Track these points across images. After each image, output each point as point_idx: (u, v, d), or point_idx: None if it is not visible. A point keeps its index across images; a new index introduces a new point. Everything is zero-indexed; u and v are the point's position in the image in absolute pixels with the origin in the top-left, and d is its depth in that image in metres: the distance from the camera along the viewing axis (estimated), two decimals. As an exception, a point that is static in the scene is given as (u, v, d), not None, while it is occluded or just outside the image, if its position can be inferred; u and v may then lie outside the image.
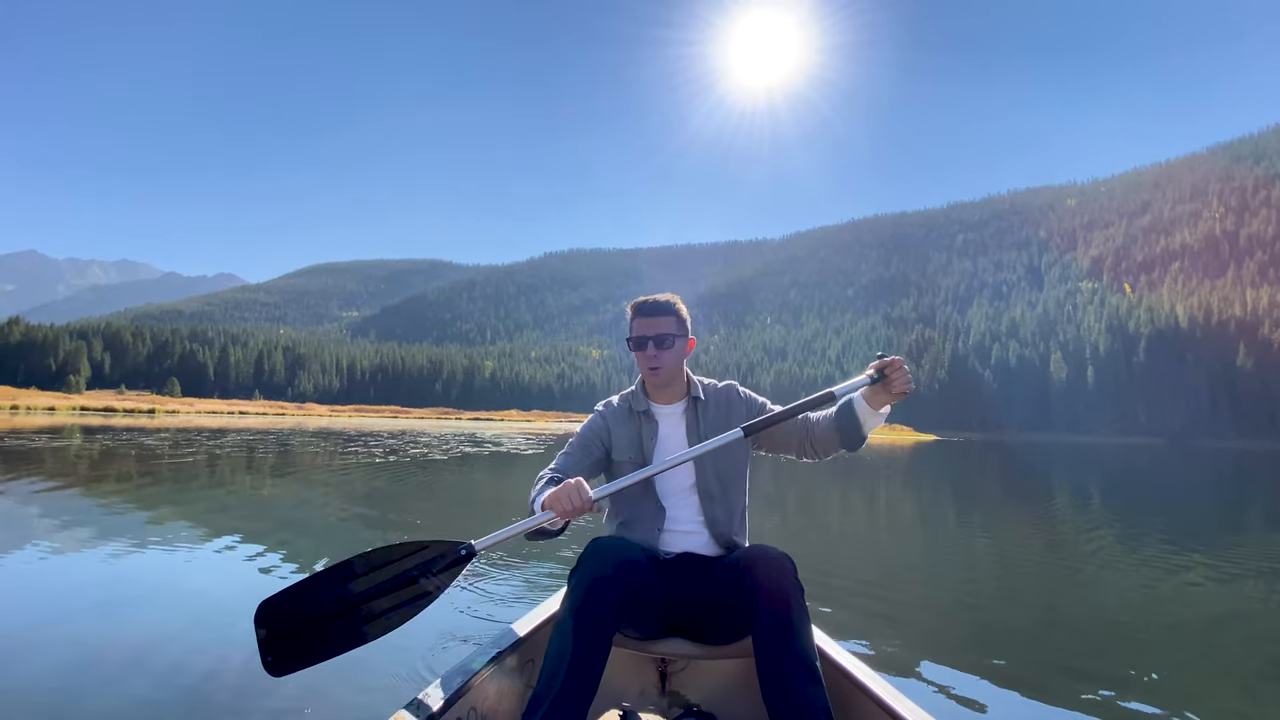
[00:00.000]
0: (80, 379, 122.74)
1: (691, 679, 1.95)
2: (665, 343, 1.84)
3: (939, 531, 7.57)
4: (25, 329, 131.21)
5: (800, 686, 1.41)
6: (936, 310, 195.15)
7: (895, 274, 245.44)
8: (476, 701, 1.48)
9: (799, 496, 10.32)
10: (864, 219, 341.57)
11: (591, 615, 1.45)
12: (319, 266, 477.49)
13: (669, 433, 1.88)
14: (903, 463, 21.35)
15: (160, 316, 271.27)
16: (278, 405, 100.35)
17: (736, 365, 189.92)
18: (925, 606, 4.07)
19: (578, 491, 1.54)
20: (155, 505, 7.35)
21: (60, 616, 3.24)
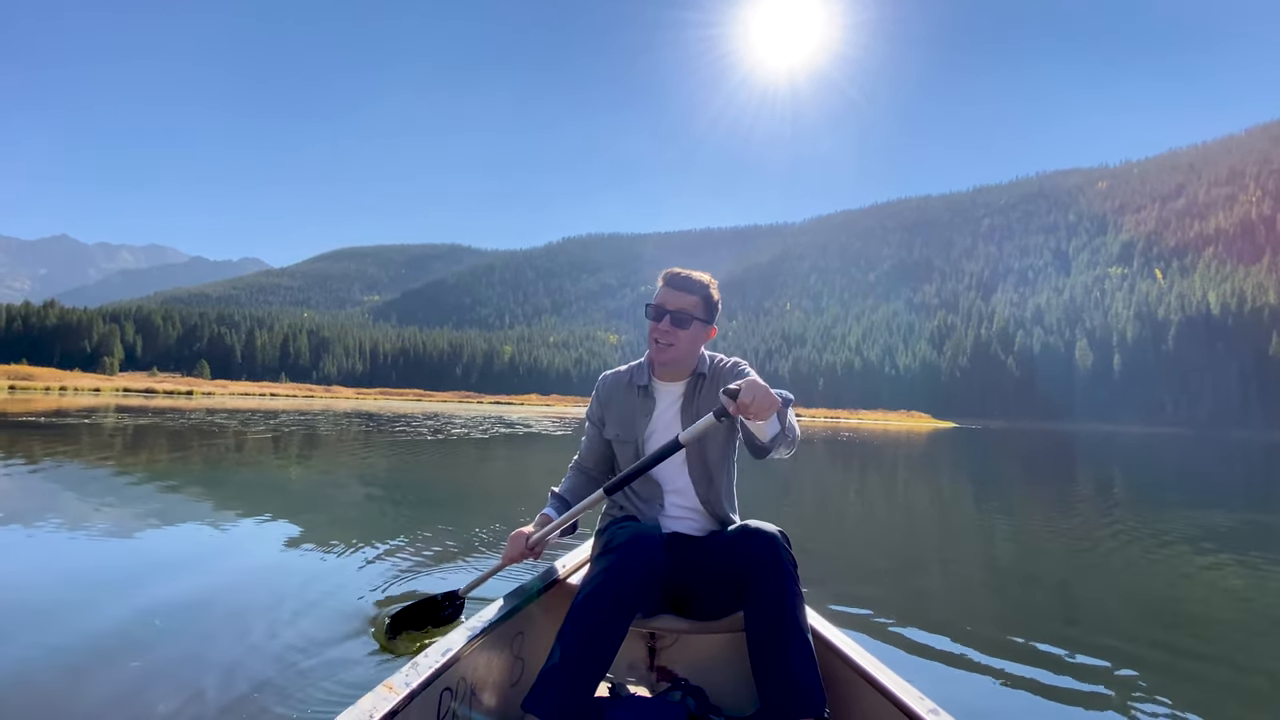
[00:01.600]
0: (114, 361, 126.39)
1: (680, 654, 1.98)
2: (683, 321, 1.75)
3: (945, 515, 7.73)
4: (60, 312, 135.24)
5: (792, 661, 1.41)
6: (960, 296, 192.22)
7: (918, 259, 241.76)
8: (468, 670, 1.50)
9: (808, 479, 10.62)
10: (887, 202, 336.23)
11: (615, 604, 1.45)
12: (341, 251, 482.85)
13: (664, 411, 1.83)
14: (917, 449, 21.46)
15: (188, 300, 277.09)
16: (305, 388, 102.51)
17: (755, 351, 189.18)
18: (923, 586, 4.07)
19: (516, 542, 1.78)
20: (282, 477, 8.25)
21: (150, 580, 3.49)
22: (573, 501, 1.85)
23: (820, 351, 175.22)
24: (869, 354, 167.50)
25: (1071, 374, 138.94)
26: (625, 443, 1.82)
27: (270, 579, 3.51)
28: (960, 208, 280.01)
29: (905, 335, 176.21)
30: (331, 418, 25.48)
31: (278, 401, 49.64)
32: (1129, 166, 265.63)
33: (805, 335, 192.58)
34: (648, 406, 1.82)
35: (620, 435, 1.83)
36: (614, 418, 1.85)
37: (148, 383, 65.53)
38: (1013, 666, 2.63)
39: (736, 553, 1.57)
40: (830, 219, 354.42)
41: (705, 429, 1.60)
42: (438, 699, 1.38)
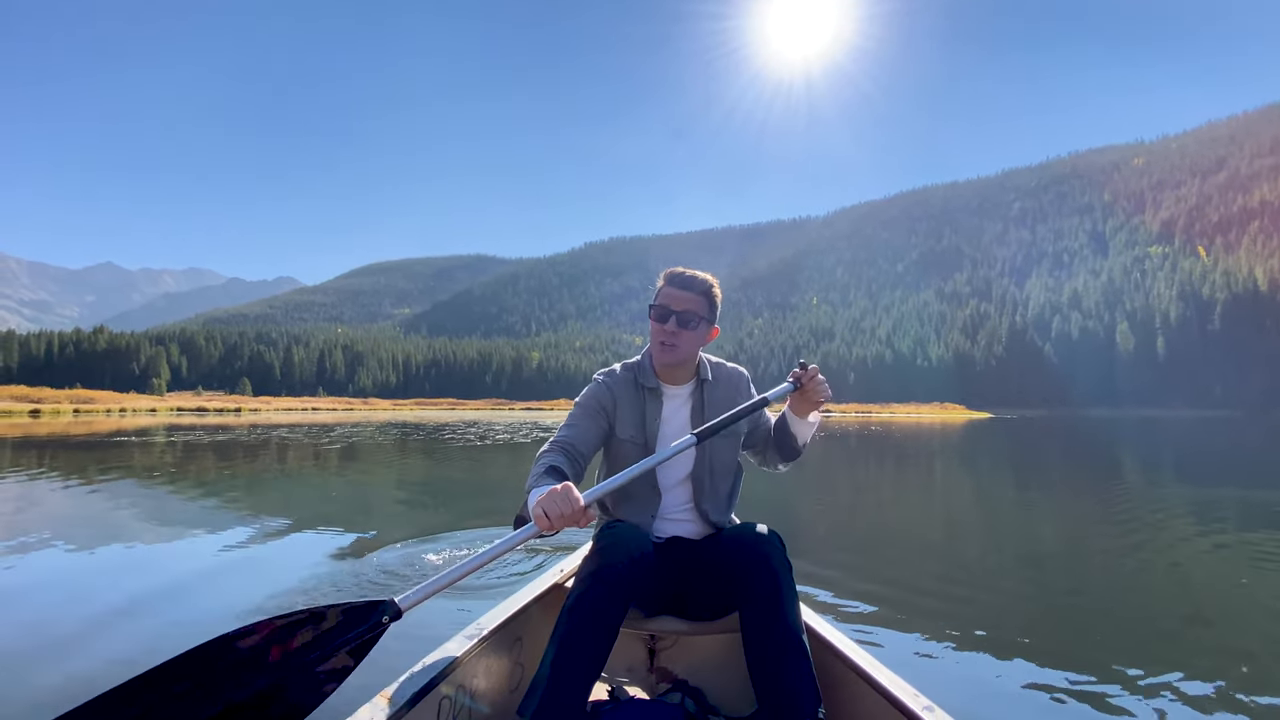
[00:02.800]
0: (162, 382, 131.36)
1: (680, 655, 1.97)
2: (689, 322, 1.75)
3: (960, 508, 7.73)
4: (109, 337, 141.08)
5: (787, 662, 1.41)
6: (992, 283, 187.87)
7: (947, 247, 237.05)
8: (465, 679, 1.48)
9: (830, 474, 10.65)
10: (912, 191, 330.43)
11: (605, 603, 1.45)
12: (371, 266, 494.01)
13: (673, 414, 1.82)
14: (946, 441, 21.23)
15: (228, 320, 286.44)
16: (344, 401, 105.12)
17: (782, 348, 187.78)
18: (927, 581, 4.07)
19: (566, 499, 1.38)
20: (401, 481, 9.34)
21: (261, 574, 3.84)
22: (570, 478, 1.64)
23: (850, 345, 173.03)
24: (900, 346, 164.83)
25: (1113, 359, 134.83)
26: (638, 445, 1.79)
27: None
28: (989, 193, 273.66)
29: (937, 325, 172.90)
30: (382, 429, 26.61)
31: (320, 415, 51.28)
32: (1166, 141, 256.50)
33: (834, 329, 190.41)
34: (657, 409, 1.81)
35: (634, 436, 1.79)
36: (625, 417, 1.81)
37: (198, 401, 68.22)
38: (1012, 664, 2.61)
39: (731, 554, 1.59)
40: (854, 210, 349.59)
41: (781, 390, 1.71)
42: (436, 707, 1.36)
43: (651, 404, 1.81)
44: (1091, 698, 2.35)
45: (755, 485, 7.78)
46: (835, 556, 4.72)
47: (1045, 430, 32.89)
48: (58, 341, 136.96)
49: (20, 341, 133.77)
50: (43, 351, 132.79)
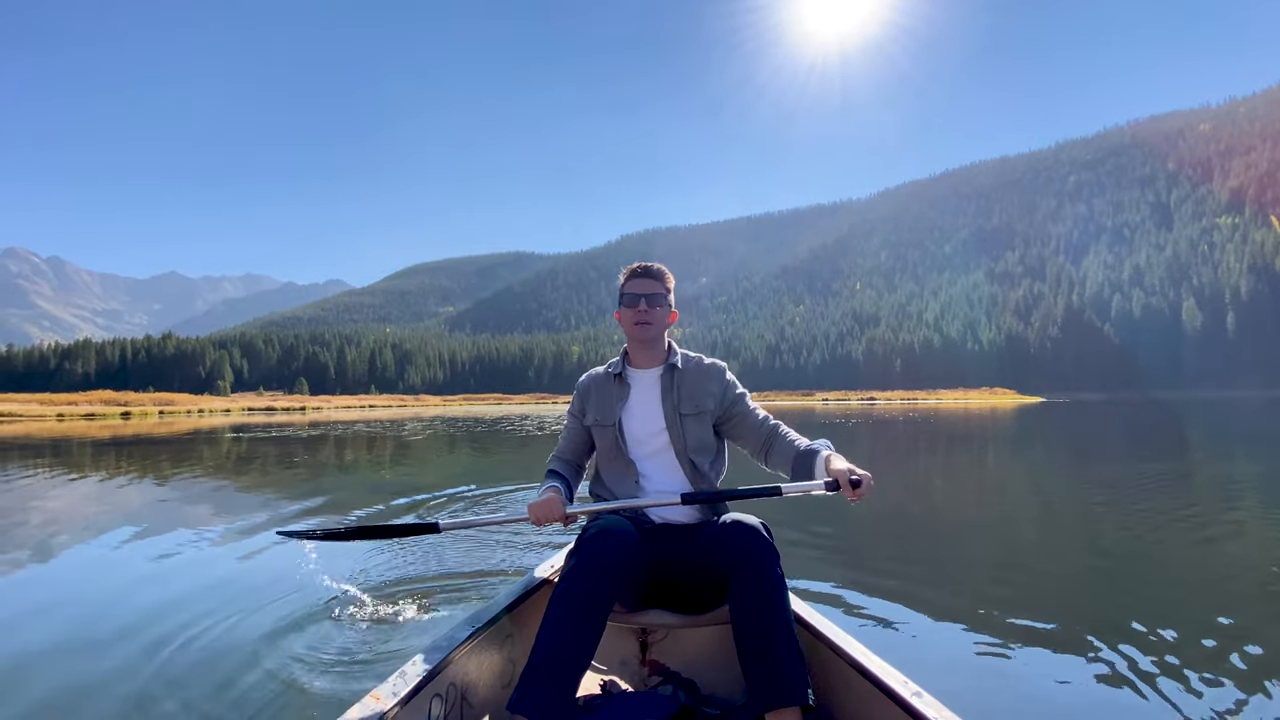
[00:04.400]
0: (226, 383, 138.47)
1: (672, 648, 1.99)
2: (656, 301, 1.91)
3: (979, 494, 7.65)
4: (177, 342, 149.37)
5: (775, 652, 1.43)
6: (1047, 261, 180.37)
7: (998, 225, 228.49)
8: (456, 676, 1.49)
9: (878, 458, 10.82)
10: (959, 168, 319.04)
11: (589, 596, 1.49)
12: (416, 267, 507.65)
13: (641, 397, 1.93)
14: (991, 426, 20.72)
15: (283, 323, 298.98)
16: (397, 398, 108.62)
17: (825, 336, 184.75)
18: (927, 570, 4.03)
19: (555, 507, 1.69)
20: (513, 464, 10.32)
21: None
22: (570, 481, 1.97)
23: (896, 331, 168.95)
24: (949, 330, 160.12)
25: (1179, 338, 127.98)
26: (604, 426, 1.91)
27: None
28: (1042, 166, 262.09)
29: (988, 308, 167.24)
30: (449, 422, 27.84)
31: (377, 411, 53.40)
32: (1234, 105, 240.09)
33: (879, 315, 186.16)
34: (623, 391, 1.94)
35: (599, 420, 1.92)
36: (593, 405, 1.96)
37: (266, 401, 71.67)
38: (1002, 650, 2.62)
39: (719, 546, 1.61)
40: (897, 191, 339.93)
41: (809, 490, 1.63)
42: (427, 706, 1.37)
43: (619, 388, 1.95)
44: (1085, 684, 2.35)
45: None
46: (832, 545, 4.73)
47: (1102, 414, 31.74)
48: (130, 348, 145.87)
49: (97, 349, 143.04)
50: (117, 358, 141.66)
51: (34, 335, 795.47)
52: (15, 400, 50.30)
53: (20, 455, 13.14)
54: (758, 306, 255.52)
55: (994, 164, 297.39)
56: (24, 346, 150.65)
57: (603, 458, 1.96)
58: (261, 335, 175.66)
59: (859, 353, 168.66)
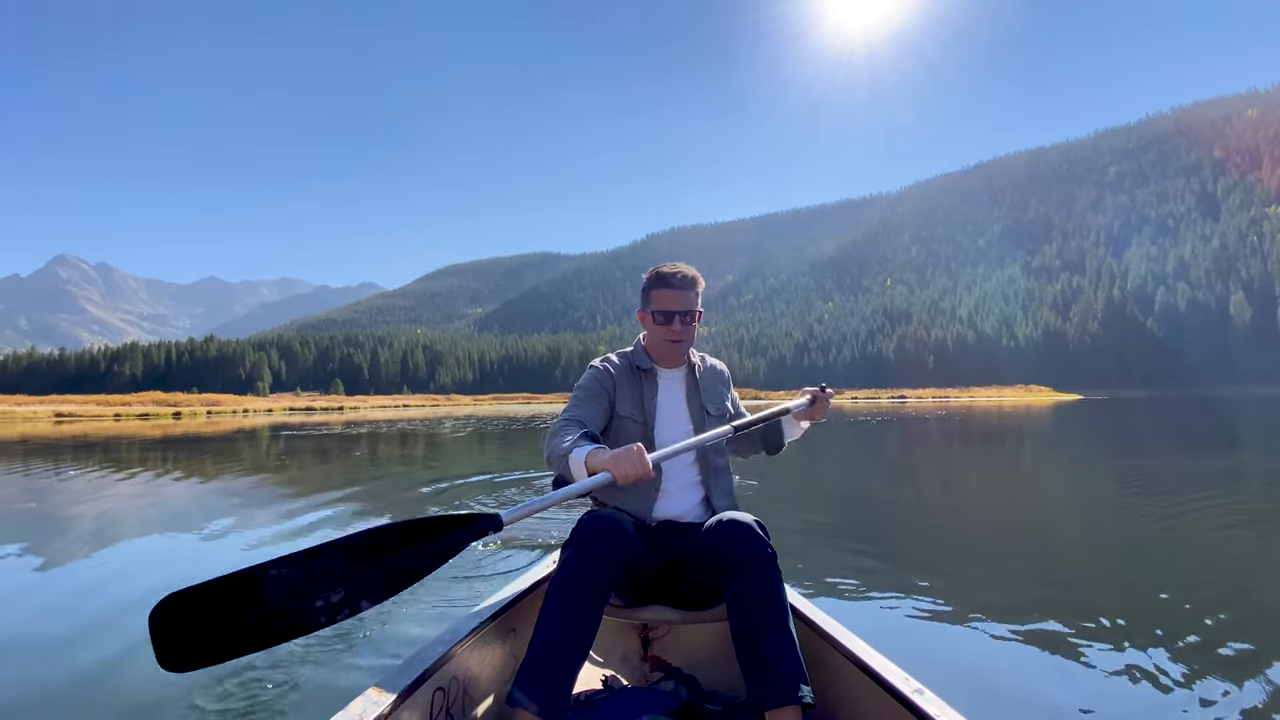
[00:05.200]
0: (265, 384, 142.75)
1: (673, 644, 1.99)
2: (690, 318, 1.86)
3: (987, 492, 7.53)
4: (218, 345, 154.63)
5: (772, 652, 1.43)
6: (1086, 254, 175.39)
7: (1035, 217, 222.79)
8: (458, 671, 1.49)
9: (867, 460, 10.50)
10: (993, 160, 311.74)
11: (585, 589, 1.48)
12: (445, 269, 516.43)
13: (669, 394, 1.93)
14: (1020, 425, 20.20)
15: (318, 326, 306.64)
16: (430, 398, 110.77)
17: (854, 333, 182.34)
18: (932, 566, 4.00)
19: (640, 458, 1.50)
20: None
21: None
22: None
23: (928, 328, 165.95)
24: (983, 326, 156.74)
25: (1226, 332, 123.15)
26: (637, 422, 1.88)
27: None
28: (1081, 157, 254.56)
29: (1024, 303, 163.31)
30: (483, 421, 28.32)
31: (411, 411, 54.49)
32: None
33: (910, 311, 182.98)
34: (653, 389, 1.92)
35: (633, 414, 1.89)
36: (624, 396, 1.91)
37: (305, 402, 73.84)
38: (1006, 648, 2.62)
39: (716, 544, 1.61)
40: (929, 185, 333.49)
41: (800, 404, 1.96)
42: (430, 699, 1.37)
43: (648, 385, 1.92)
44: (1091, 682, 2.33)
45: (769, 477, 8.10)
46: (836, 541, 4.71)
47: (1143, 411, 30.79)
48: (174, 351, 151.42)
49: (144, 352, 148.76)
50: (163, 360, 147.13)
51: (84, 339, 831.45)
52: (74, 401, 52.73)
53: (86, 453, 13.84)
54: (785, 304, 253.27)
55: (1029, 155, 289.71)
56: (75, 350, 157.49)
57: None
58: (298, 337, 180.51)
59: (890, 350, 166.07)
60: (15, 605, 3.52)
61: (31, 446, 16.53)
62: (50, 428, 28.95)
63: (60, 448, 15.69)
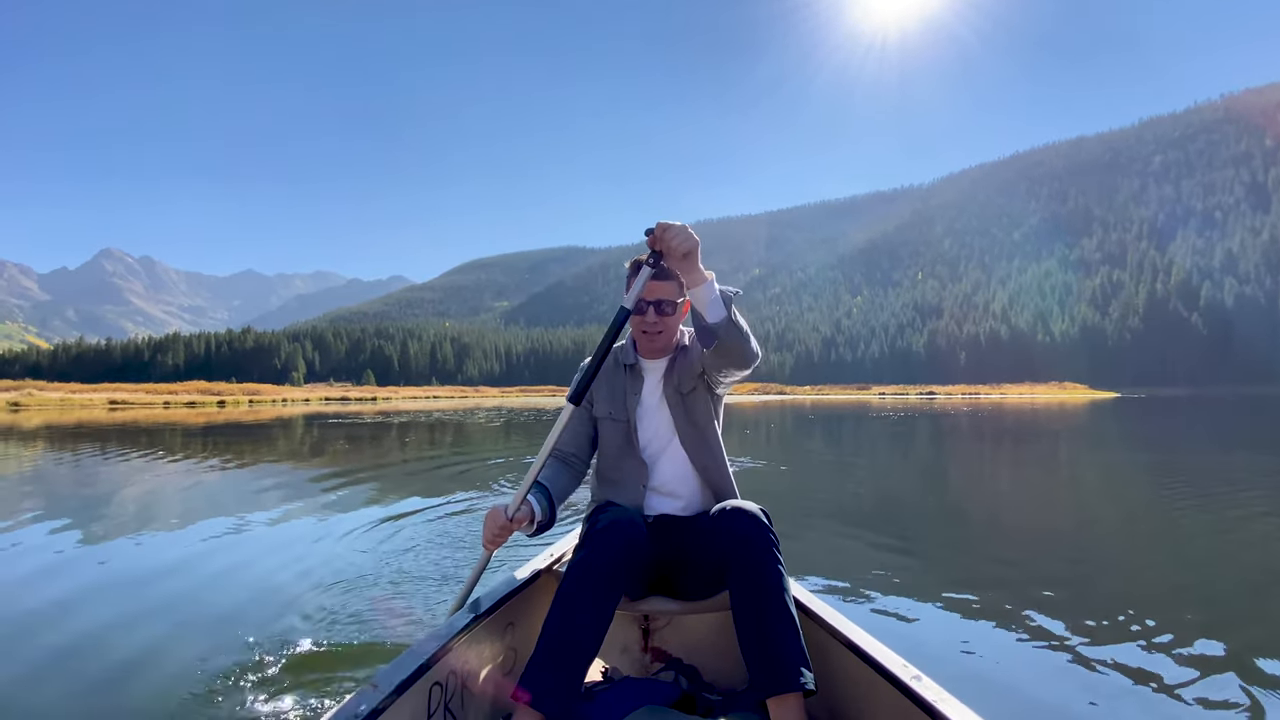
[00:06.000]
0: (300, 374, 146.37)
1: (674, 635, 1.99)
2: (666, 309, 1.78)
3: (992, 486, 7.44)
4: (255, 336, 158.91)
5: (776, 637, 1.43)
6: (1128, 247, 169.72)
7: (1074, 209, 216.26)
8: (456, 664, 1.49)
9: (875, 454, 10.39)
10: (1031, 150, 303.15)
11: (599, 587, 1.48)
12: (472, 263, 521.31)
13: (651, 388, 1.86)
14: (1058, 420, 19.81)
15: (350, 318, 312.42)
16: (458, 390, 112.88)
17: (884, 328, 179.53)
18: (932, 557, 3.99)
19: (492, 522, 1.60)
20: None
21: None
22: (551, 489, 1.75)
23: (960, 323, 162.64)
24: (1017, 321, 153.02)
25: (1276, 328, 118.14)
26: (617, 421, 1.84)
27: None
28: (1123, 146, 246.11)
29: (1061, 298, 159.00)
30: (513, 412, 28.90)
31: (441, 402, 55.66)
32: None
33: (941, 306, 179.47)
34: (636, 385, 1.86)
35: (612, 414, 1.84)
36: (603, 396, 1.86)
37: (340, 392, 75.94)
38: (1004, 635, 2.64)
39: (719, 533, 1.60)
40: (963, 176, 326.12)
41: (644, 279, 1.59)
42: (427, 693, 1.36)
43: (632, 380, 1.86)
44: (1087, 667, 2.35)
45: (777, 473, 8.25)
46: (834, 531, 4.72)
47: (1184, 410, 29.83)
48: (214, 341, 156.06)
49: (185, 343, 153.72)
50: (203, 350, 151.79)
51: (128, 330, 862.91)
52: (125, 389, 55.06)
53: (150, 439, 14.51)
54: (812, 298, 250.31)
55: (1069, 145, 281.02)
56: (121, 340, 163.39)
57: (608, 454, 1.88)
58: (331, 329, 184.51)
59: (920, 345, 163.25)
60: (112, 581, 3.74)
61: (88, 431, 17.36)
62: (105, 414, 30.27)
63: (122, 434, 16.48)
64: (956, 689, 1.21)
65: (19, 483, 7.86)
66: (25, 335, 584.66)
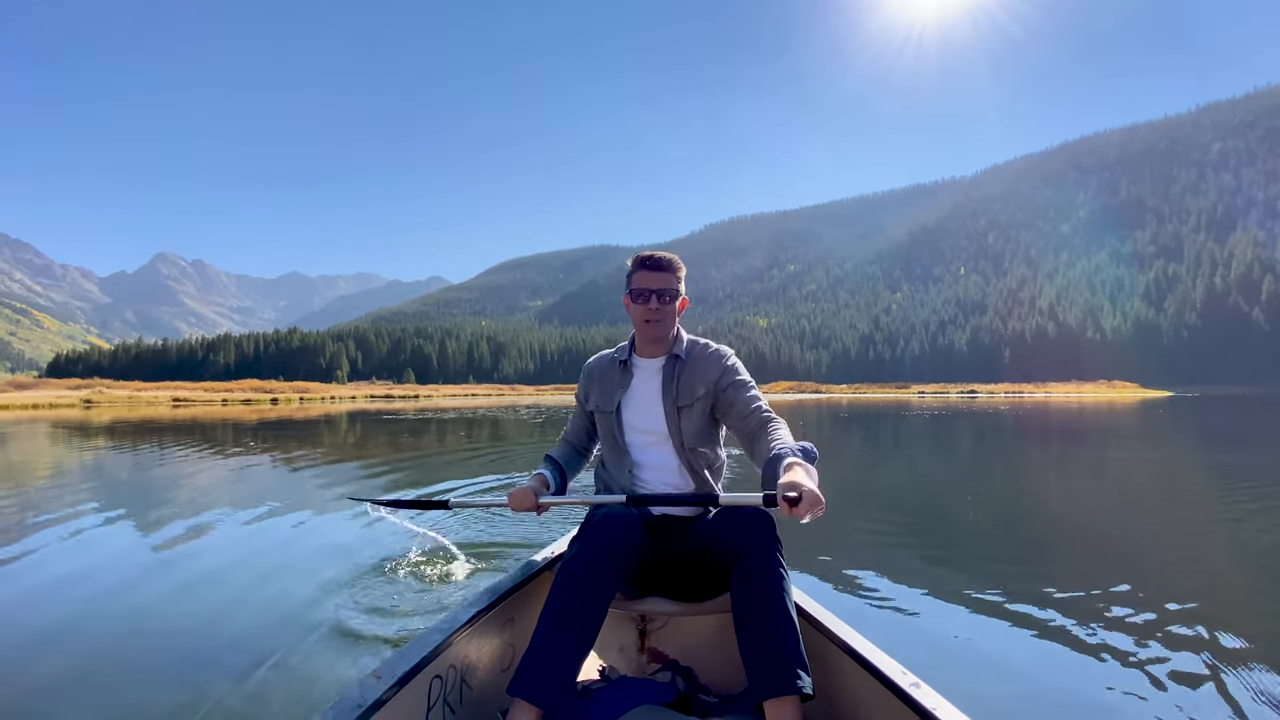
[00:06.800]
0: (344, 373, 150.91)
1: (670, 636, 2.00)
2: (667, 297, 1.85)
3: (1005, 487, 7.29)
4: (301, 336, 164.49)
5: (776, 640, 1.43)
6: (1184, 240, 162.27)
7: (1126, 200, 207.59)
8: (456, 658, 1.51)
9: (886, 453, 10.28)
10: (1080, 139, 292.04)
11: (592, 583, 1.50)
12: (508, 263, 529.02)
13: (641, 385, 1.91)
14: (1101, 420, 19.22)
15: (391, 318, 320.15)
16: (495, 388, 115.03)
17: (924, 325, 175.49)
18: (933, 561, 3.95)
19: (530, 496, 1.76)
20: None
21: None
22: (564, 465, 1.99)
23: (1004, 319, 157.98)
24: (1065, 318, 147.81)
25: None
26: (604, 413, 1.92)
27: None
28: (1180, 134, 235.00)
29: (1113, 293, 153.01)
30: (550, 410, 29.61)
31: (479, 400, 56.93)
32: None
33: (985, 302, 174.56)
34: (625, 379, 1.92)
35: (600, 406, 1.94)
36: (596, 391, 1.97)
37: (383, 390, 78.29)
38: (1003, 642, 2.64)
39: (721, 534, 1.60)
40: (1008, 167, 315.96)
41: (745, 502, 1.59)
42: (427, 686, 1.38)
43: (623, 375, 1.93)
44: (1088, 676, 2.32)
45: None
46: (834, 536, 4.67)
47: (1241, 409, 28.52)
48: (262, 341, 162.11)
49: (235, 342, 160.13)
50: (252, 350, 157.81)
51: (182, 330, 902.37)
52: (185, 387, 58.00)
53: (216, 432, 15.42)
54: (849, 294, 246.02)
55: (1121, 133, 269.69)
56: (175, 340, 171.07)
57: (604, 445, 1.97)
58: (372, 329, 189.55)
59: (963, 343, 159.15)
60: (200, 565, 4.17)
61: (165, 426, 18.45)
62: (169, 411, 31.97)
63: (196, 429, 17.50)
64: (955, 697, 1.20)
65: (111, 471, 8.56)
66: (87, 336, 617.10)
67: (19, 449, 12.20)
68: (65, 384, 63.75)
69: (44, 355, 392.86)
